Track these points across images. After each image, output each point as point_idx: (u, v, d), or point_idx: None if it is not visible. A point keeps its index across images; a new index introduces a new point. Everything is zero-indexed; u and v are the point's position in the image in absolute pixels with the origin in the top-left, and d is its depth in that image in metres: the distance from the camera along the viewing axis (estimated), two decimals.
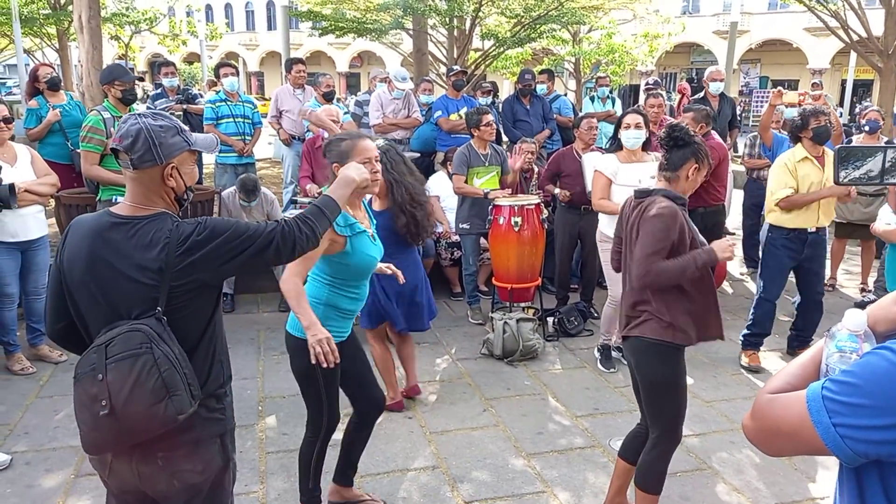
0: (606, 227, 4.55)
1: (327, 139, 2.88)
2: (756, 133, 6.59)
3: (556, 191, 5.43)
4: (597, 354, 4.85)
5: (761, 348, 4.92)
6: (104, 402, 1.73)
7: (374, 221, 2.97)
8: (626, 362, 4.34)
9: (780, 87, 5.10)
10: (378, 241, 2.88)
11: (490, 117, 5.39)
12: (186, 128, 1.91)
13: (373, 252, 2.80)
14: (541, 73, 8.20)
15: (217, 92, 6.90)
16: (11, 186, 3.99)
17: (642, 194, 2.83)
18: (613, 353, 4.78)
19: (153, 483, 1.91)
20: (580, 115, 6.27)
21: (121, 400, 1.72)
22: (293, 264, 2.50)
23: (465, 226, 5.46)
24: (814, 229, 4.62)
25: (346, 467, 3.11)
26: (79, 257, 1.84)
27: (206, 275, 1.83)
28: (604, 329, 4.77)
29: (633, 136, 4.44)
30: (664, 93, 8.04)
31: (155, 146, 1.79)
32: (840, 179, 1.26)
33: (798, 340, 4.94)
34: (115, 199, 4.75)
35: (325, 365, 2.52)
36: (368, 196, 3.12)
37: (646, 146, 4.54)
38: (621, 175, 4.44)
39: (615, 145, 4.59)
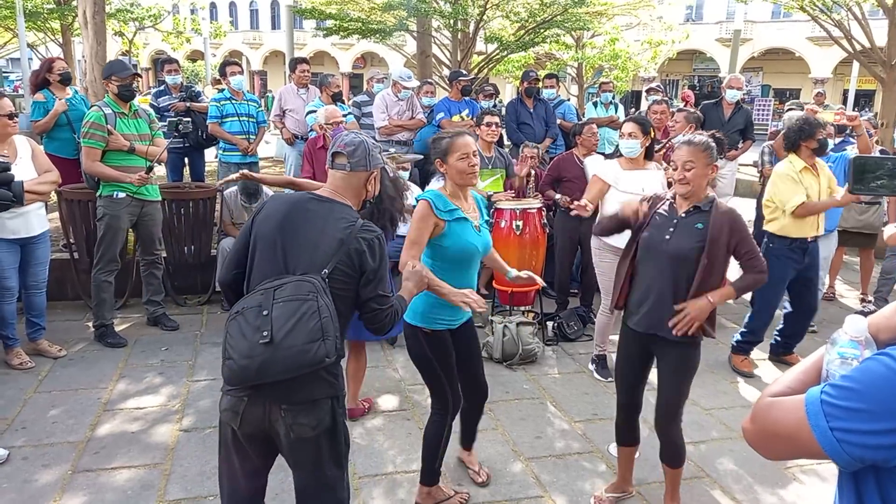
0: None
1: (433, 136, 3.15)
2: (771, 143, 6.61)
3: (557, 196, 5.41)
4: (591, 367, 4.79)
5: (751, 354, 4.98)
6: (265, 333, 2.00)
7: (486, 217, 3.25)
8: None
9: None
10: (485, 233, 3.11)
11: (495, 118, 5.39)
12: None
13: (473, 240, 2.99)
14: (547, 76, 8.21)
15: (221, 90, 6.90)
16: (20, 184, 3.98)
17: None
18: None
19: (277, 431, 2.16)
20: (582, 120, 6.28)
21: (282, 332, 2.00)
22: (403, 251, 2.92)
23: None
24: (812, 238, 4.65)
25: (468, 433, 3.45)
26: (274, 217, 2.24)
27: (351, 274, 2.19)
28: (598, 339, 4.71)
29: (627, 146, 4.37)
30: (666, 98, 8.05)
31: (369, 156, 2.32)
32: (855, 189, 1.26)
33: (783, 347, 5.00)
34: (116, 195, 4.76)
35: (475, 308, 2.82)
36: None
37: (649, 154, 4.48)
38: (623, 182, 4.40)
39: (617, 152, 4.58)
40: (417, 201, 2.97)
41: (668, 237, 2.94)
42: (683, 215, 2.96)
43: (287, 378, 2.05)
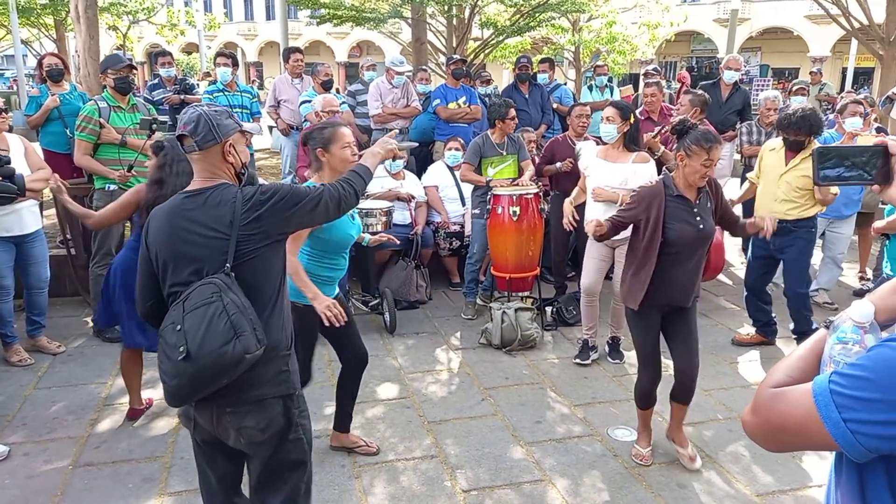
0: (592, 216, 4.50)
1: (307, 128, 3.26)
2: (749, 123, 6.59)
3: (559, 164, 5.36)
4: (578, 359, 4.69)
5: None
6: (181, 349, 1.94)
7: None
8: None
9: (854, 129, 5.11)
10: (357, 221, 3.28)
11: (512, 111, 5.36)
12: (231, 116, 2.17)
13: (350, 230, 3.17)
14: (541, 62, 8.16)
15: (213, 82, 6.86)
16: (22, 176, 3.98)
17: None
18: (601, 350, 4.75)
19: (226, 436, 2.13)
20: (574, 103, 6.23)
21: (196, 343, 1.94)
22: (288, 243, 2.71)
23: (475, 211, 5.43)
24: (788, 221, 4.71)
25: (342, 416, 3.51)
26: (162, 234, 2.10)
27: (269, 224, 2.06)
28: (583, 325, 4.69)
29: (604, 130, 4.36)
30: (663, 81, 8.00)
31: (214, 127, 2.07)
32: (819, 179, 1.25)
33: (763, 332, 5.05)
34: (108, 187, 4.75)
35: (337, 325, 2.89)
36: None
37: (635, 141, 4.41)
38: (595, 171, 4.36)
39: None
40: None
41: (700, 225, 3.22)
42: (698, 201, 3.25)
43: (226, 383, 2.00)
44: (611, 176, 4.33)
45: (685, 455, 3.44)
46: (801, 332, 4.77)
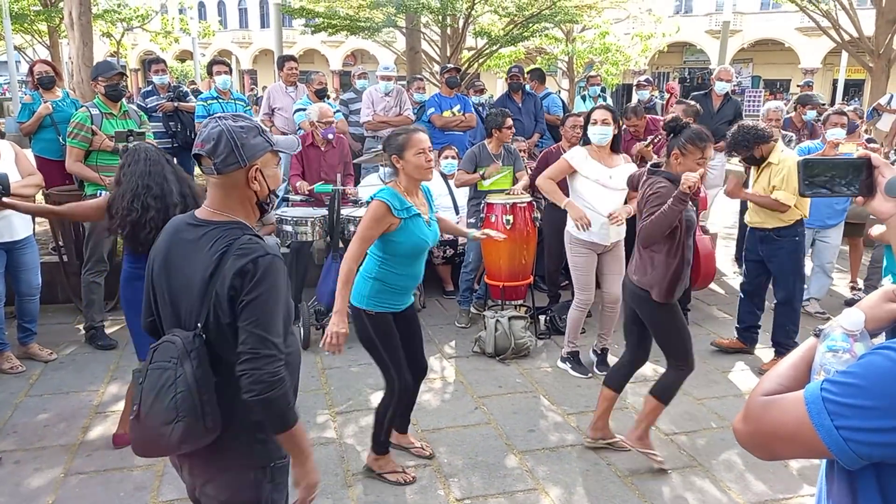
0: (567, 224, 4.49)
1: (388, 134, 3.19)
2: None
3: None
4: (564, 365, 4.70)
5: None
6: (135, 407, 1.75)
7: (433, 208, 3.28)
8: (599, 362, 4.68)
9: (836, 138, 5.18)
10: (435, 226, 3.18)
11: (509, 120, 5.38)
12: (268, 129, 1.84)
13: (425, 235, 3.07)
14: (529, 72, 8.19)
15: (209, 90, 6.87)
16: (6, 175, 3.96)
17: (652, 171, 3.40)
18: (591, 357, 4.74)
19: (199, 499, 1.95)
20: (567, 113, 6.26)
21: (146, 408, 1.72)
22: (352, 246, 2.94)
23: (471, 220, 5.44)
24: (771, 228, 4.77)
25: (402, 418, 3.51)
26: (159, 255, 1.84)
27: (238, 310, 1.69)
28: (571, 336, 4.65)
29: (601, 132, 4.29)
30: (656, 93, 8.05)
31: (238, 148, 1.72)
32: (804, 190, 1.26)
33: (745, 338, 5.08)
34: (99, 193, 4.73)
35: (327, 352, 2.91)
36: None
37: (615, 146, 4.42)
38: (587, 169, 4.33)
39: (584, 140, 4.47)
40: (371, 200, 3.04)
41: (692, 211, 3.38)
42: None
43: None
44: (601, 172, 4.31)
45: (657, 457, 3.51)
46: (779, 343, 4.76)
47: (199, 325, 1.72)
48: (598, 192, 4.33)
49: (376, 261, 3.08)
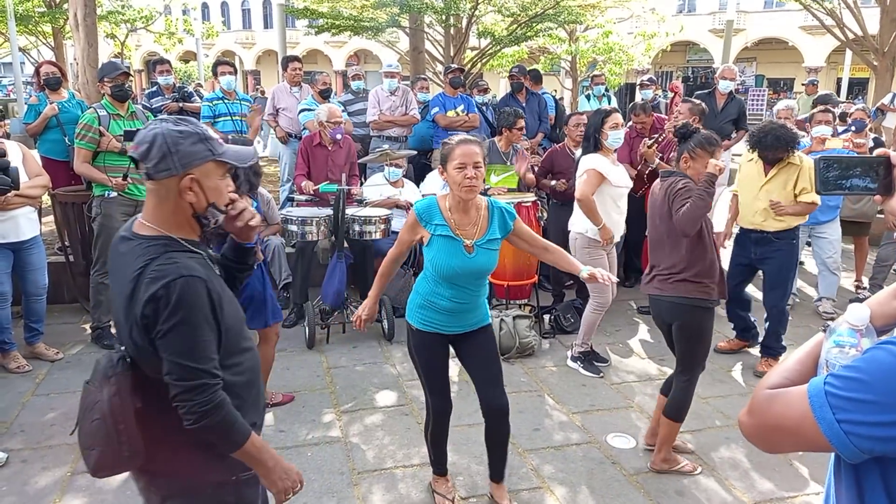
0: (577, 224, 4.54)
1: (444, 140, 3.00)
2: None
3: (553, 182, 5.41)
4: (575, 364, 4.71)
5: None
6: (76, 420, 1.68)
7: (499, 235, 2.92)
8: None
9: (822, 135, 5.24)
10: (480, 254, 2.82)
11: (521, 121, 5.41)
12: (217, 136, 1.73)
13: (452, 261, 2.77)
14: (527, 72, 8.18)
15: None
16: (16, 169, 3.99)
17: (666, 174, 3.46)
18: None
19: None
20: (569, 112, 6.27)
21: (79, 426, 1.66)
22: (395, 246, 2.98)
23: None
24: (771, 231, 4.70)
25: (490, 463, 3.15)
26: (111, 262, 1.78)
27: (156, 343, 1.60)
28: (585, 337, 4.66)
29: (618, 136, 4.45)
30: (660, 93, 8.04)
31: (171, 154, 1.59)
32: (820, 188, 1.26)
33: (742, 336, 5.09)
34: (108, 194, 4.76)
35: (355, 327, 3.07)
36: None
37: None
38: (613, 175, 4.43)
39: (592, 146, 4.48)
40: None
41: None
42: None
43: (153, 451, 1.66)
44: (622, 176, 4.52)
45: (687, 465, 3.50)
46: (769, 347, 4.71)
47: (122, 347, 1.65)
48: (621, 194, 4.52)
49: (426, 279, 2.92)
